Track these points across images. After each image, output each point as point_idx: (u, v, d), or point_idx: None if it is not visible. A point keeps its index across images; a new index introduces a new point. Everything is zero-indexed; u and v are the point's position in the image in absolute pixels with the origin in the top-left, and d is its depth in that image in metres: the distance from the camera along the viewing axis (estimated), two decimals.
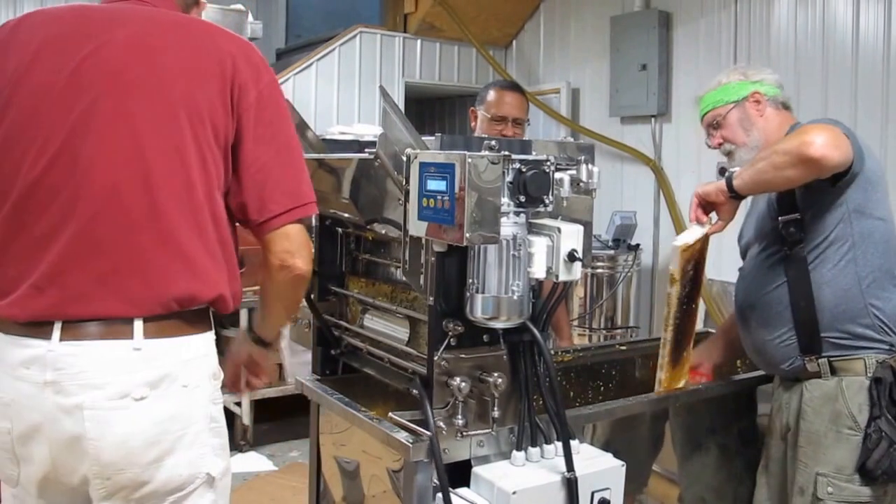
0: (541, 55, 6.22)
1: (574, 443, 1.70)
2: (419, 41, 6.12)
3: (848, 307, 2.05)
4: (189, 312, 1.56)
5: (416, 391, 1.69)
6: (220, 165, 1.58)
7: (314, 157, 2.00)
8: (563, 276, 1.61)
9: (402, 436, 1.68)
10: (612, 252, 4.87)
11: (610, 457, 1.76)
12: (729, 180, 2.04)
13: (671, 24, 5.22)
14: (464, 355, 1.66)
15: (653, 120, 5.30)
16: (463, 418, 1.65)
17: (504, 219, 1.56)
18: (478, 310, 1.61)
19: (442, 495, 1.61)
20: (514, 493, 1.59)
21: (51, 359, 1.49)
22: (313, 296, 2.10)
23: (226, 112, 1.57)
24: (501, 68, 6.11)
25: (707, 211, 2.13)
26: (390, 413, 1.75)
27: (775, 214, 2.12)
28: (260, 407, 4.76)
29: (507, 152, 1.56)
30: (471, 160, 1.49)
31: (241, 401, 4.61)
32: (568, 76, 5.95)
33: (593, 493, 1.68)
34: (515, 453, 1.70)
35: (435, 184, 1.55)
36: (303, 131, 2.04)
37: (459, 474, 1.68)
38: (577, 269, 1.62)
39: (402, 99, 6.06)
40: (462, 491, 1.66)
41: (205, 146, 1.56)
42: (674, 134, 5.25)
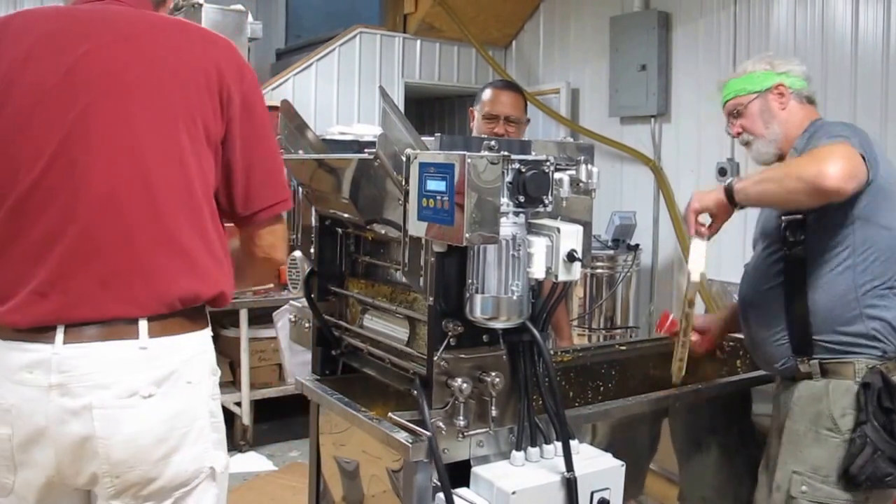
0: (540, 55, 6.23)
1: (573, 443, 1.70)
2: (419, 41, 6.12)
3: (841, 312, 2.04)
4: (190, 310, 1.59)
5: (415, 391, 1.69)
6: (212, 165, 1.64)
7: (314, 157, 2.00)
8: (562, 277, 1.61)
9: (401, 436, 1.68)
10: (611, 252, 4.88)
11: (609, 457, 1.76)
12: (730, 192, 2.03)
13: (670, 24, 5.23)
14: (463, 355, 1.66)
15: (652, 120, 5.30)
16: (463, 418, 1.65)
17: (503, 219, 1.56)
18: (477, 310, 1.61)
19: (444, 495, 1.61)
20: (513, 493, 1.59)
21: (56, 362, 1.49)
22: (313, 296, 2.10)
23: (215, 113, 1.61)
24: (501, 68, 6.11)
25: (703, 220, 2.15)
26: (390, 413, 1.75)
27: (779, 213, 2.12)
28: (260, 407, 4.77)
29: (506, 152, 1.56)
30: (470, 160, 1.49)
31: (241, 401, 4.62)
32: (567, 76, 5.96)
33: (593, 493, 1.68)
34: (515, 453, 1.70)
35: (434, 184, 1.55)
36: (302, 131, 2.05)
37: (459, 474, 1.69)
38: (577, 270, 1.62)
39: (402, 99, 6.06)
40: (461, 491, 1.66)
41: (199, 146, 1.60)
42: (673, 134, 5.26)
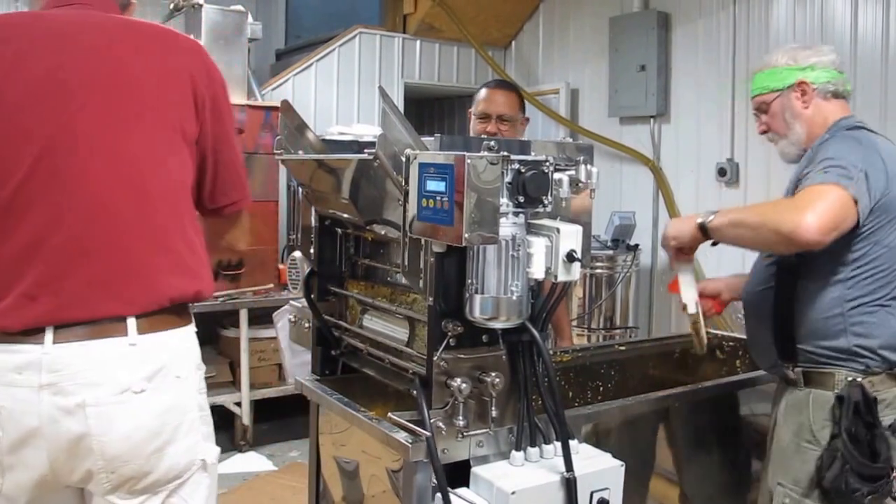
0: (540, 56, 6.23)
1: (573, 443, 1.70)
2: (418, 42, 6.12)
3: (826, 325, 2.00)
4: (175, 307, 1.65)
5: (415, 391, 1.69)
6: (190, 164, 1.71)
7: (314, 157, 2.01)
8: (561, 277, 1.62)
9: (401, 436, 1.68)
10: (610, 252, 4.88)
11: (609, 457, 1.76)
12: (704, 227, 2.02)
13: (670, 24, 5.23)
14: (463, 355, 1.66)
15: (652, 120, 5.30)
16: (463, 418, 1.65)
17: (503, 219, 1.57)
18: (477, 310, 1.61)
19: (441, 496, 1.62)
20: (512, 493, 1.59)
21: (46, 362, 1.51)
22: (313, 296, 2.10)
23: (191, 115, 1.68)
24: (500, 69, 6.12)
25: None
26: (390, 413, 1.75)
27: None
28: (260, 407, 4.77)
29: (506, 153, 1.57)
30: (470, 161, 1.50)
31: (241, 401, 4.62)
32: (567, 77, 5.96)
33: (592, 493, 1.68)
34: (514, 453, 1.70)
35: (434, 184, 1.55)
36: (302, 131, 2.05)
37: (459, 474, 1.69)
38: (576, 270, 1.62)
39: (402, 99, 6.06)
40: (461, 491, 1.66)
41: (179, 147, 1.67)
42: (673, 134, 5.26)
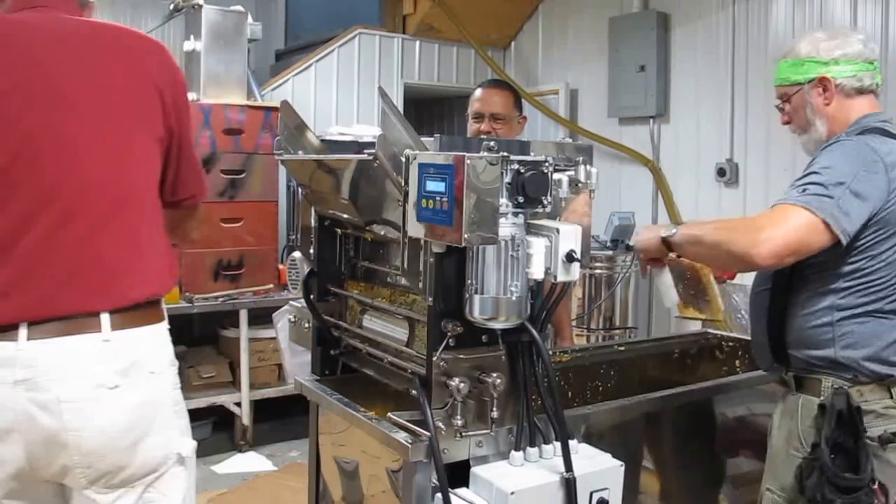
0: (539, 56, 6.23)
1: (573, 443, 1.70)
2: (418, 42, 6.12)
3: (814, 333, 1.96)
4: (148, 303, 1.68)
5: (415, 392, 1.69)
6: (158, 163, 1.75)
7: (313, 157, 2.01)
8: (561, 277, 1.62)
9: (401, 436, 1.69)
10: (610, 253, 4.88)
11: (609, 457, 1.76)
12: (667, 240, 2.04)
13: (669, 25, 5.23)
14: (462, 356, 1.66)
15: (651, 121, 5.31)
16: (462, 418, 1.65)
17: (502, 219, 1.57)
18: (476, 310, 1.61)
19: (441, 495, 1.62)
20: (512, 493, 1.59)
21: (21, 358, 1.53)
22: (313, 296, 2.11)
23: (159, 117, 1.73)
24: (500, 69, 6.12)
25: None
26: (389, 413, 1.75)
27: None
28: (259, 407, 4.78)
29: (505, 153, 1.57)
30: (469, 161, 1.50)
31: (240, 401, 4.63)
32: (566, 77, 5.96)
33: (592, 493, 1.68)
34: (514, 453, 1.70)
35: (434, 185, 1.55)
36: (302, 132, 2.05)
37: (458, 474, 1.69)
38: (576, 270, 1.62)
39: (401, 100, 6.06)
40: (461, 491, 1.66)
41: (152, 148, 1.72)
42: (672, 135, 5.26)
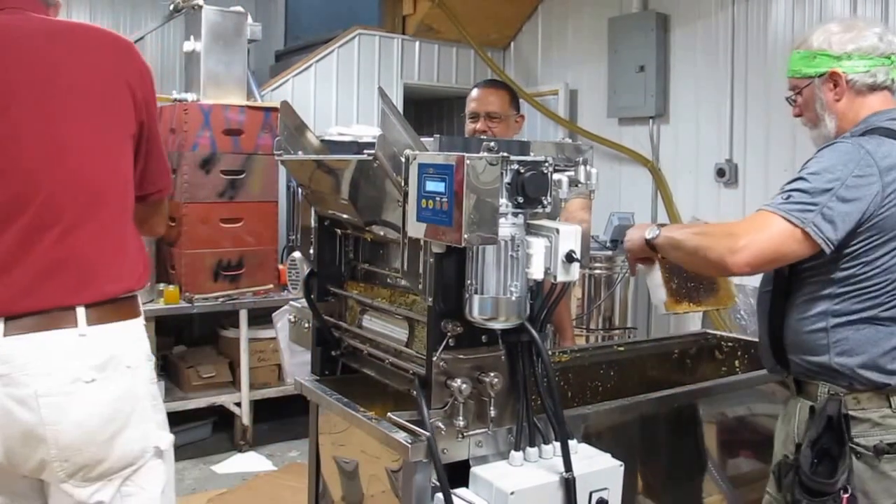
0: (539, 56, 6.23)
1: (572, 443, 1.70)
2: (417, 43, 6.12)
3: (810, 339, 1.94)
4: (124, 299, 1.70)
5: (415, 392, 1.69)
6: (131, 161, 1.78)
7: (313, 158, 2.01)
8: (561, 277, 1.62)
9: (400, 436, 1.69)
10: (609, 253, 4.87)
11: (608, 457, 1.76)
12: (649, 241, 2.04)
13: (669, 25, 5.23)
14: (462, 356, 1.66)
15: (651, 121, 5.30)
16: (462, 418, 1.66)
17: (502, 220, 1.57)
18: (476, 310, 1.62)
19: (443, 496, 1.62)
20: (512, 493, 1.60)
21: None
22: (313, 296, 2.11)
23: (131, 114, 1.76)
24: (500, 70, 6.12)
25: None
26: (389, 413, 1.75)
27: None
28: (259, 407, 4.78)
29: (505, 153, 1.57)
30: (469, 161, 1.50)
31: (240, 401, 4.63)
32: (566, 77, 5.96)
33: (591, 493, 1.68)
34: (514, 453, 1.70)
35: (433, 185, 1.56)
36: (302, 132, 2.05)
37: (458, 474, 1.69)
38: (575, 270, 1.62)
39: (401, 100, 6.06)
40: (460, 491, 1.66)
41: (126, 145, 1.75)
42: (672, 135, 5.26)
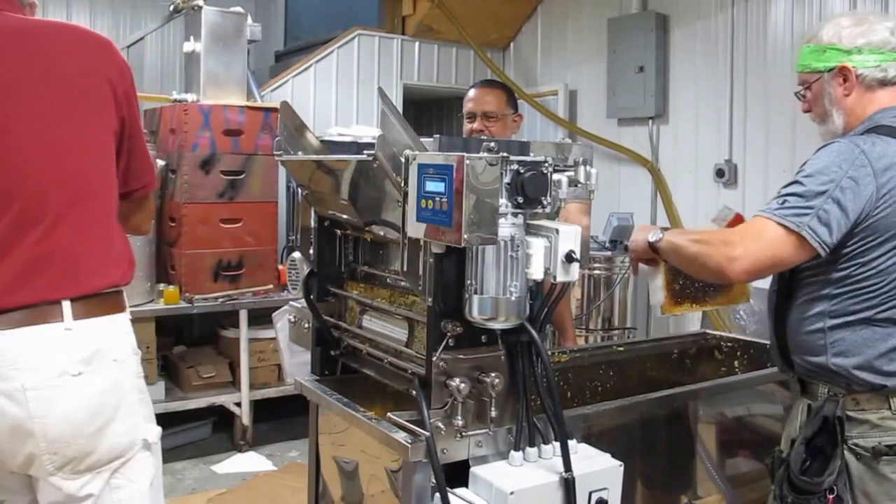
0: (538, 57, 6.23)
1: (572, 443, 1.71)
2: (417, 43, 6.13)
3: (809, 340, 1.94)
4: (109, 293, 1.72)
5: (414, 392, 1.69)
6: (115, 157, 1.80)
7: (313, 158, 2.01)
8: (560, 277, 1.62)
9: (400, 436, 1.69)
10: (608, 253, 4.88)
11: (608, 457, 1.77)
12: (654, 245, 2.04)
13: (668, 26, 5.23)
14: (462, 356, 1.66)
15: (650, 121, 5.31)
16: (462, 419, 1.66)
17: (502, 220, 1.57)
18: (476, 310, 1.62)
19: (440, 495, 1.62)
20: (511, 493, 1.60)
21: None
22: (313, 296, 2.11)
23: (112, 111, 1.77)
24: (499, 70, 6.12)
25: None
26: (389, 413, 1.76)
27: None
28: (259, 407, 4.78)
29: (505, 154, 1.57)
30: (469, 162, 1.50)
31: (240, 401, 4.63)
32: (565, 78, 5.96)
33: (591, 493, 1.68)
34: (513, 453, 1.71)
35: (433, 185, 1.56)
36: (302, 133, 2.06)
37: (458, 474, 1.69)
38: (575, 270, 1.63)
39: (401, 101, 6.06)
40: (460, 491, 1.67)
41: (109, 141, 1.77)
42: (671, 135, 5.26)
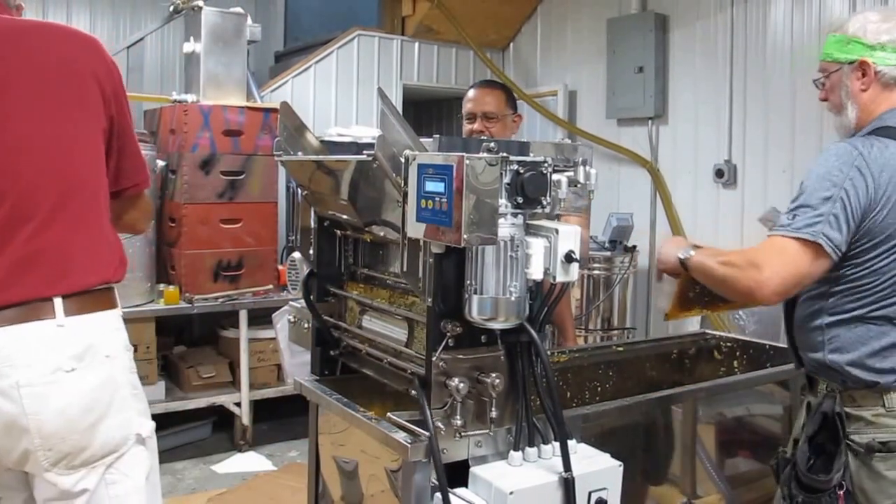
0: (538, 57, 6.24)
1: (571, 443, 1.71)
2: (417, 44, 6.13)
3: (810, 336, 1.97)
4: (101, 290, 1.73)
5: (414, 392, 1.70)
6: (104, 155, 1.80)
7: (313, 158, 2.01)
8: (560, 277, 1.62)
9: (400, 436, 1.69)
10: (608, 254, 4.89)
11: (607, 457, 1.77)
12: (684, 262, 2.04)
13: (668, 26, 5.24)
14: (462, 356, 1.67)
15: (649, 122, 5.31)
16: (461, 418, 1.66)
17: (501, 220, 1.57)
18: (475, 311, 1.62)
19: (441, 495, 1.62)
20: (511, 493, 1.60)
21: None
22: (313, 297, 2.11)
23: (100, 109, 1.78)
24: (499, 70, 6.13)
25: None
26: (389, 413, 1.76)
27: None
28: (259, 407, 4.78)
29: (504, 154, 1.57)
30: (468, 162, 1.50)
31: (240, 401, 4.63)
32: (565, 78, 5.97)
33: (590, 493, 1.69)
34: (513, 453, 1.71)
35: (433, 185, 1.56)
36: (301, 133, 2.06)
37: (457, 474, 1.70)
38: (575, 270, 1.63)
39: (400, 101, 6.07)
40: (460, 491, 1.67)
41: (98, 139, 1.78)
42: (670, 136, 5.27)
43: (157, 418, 1.85)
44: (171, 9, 4.86)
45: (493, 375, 1.66)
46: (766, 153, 4.70)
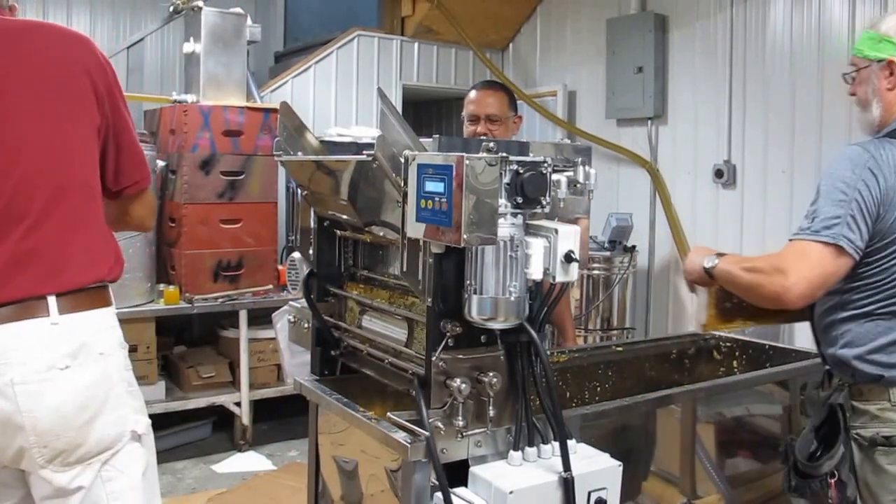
0: (537, 58, 6.24)
1: (571, 443, 1.71)
2: (416, 44, 6.13)
3: (826, 330, 2.03)
4: (95, 288, 1.74)
5: (414, 392, 1.70)
6: (98, 153, 1.80)
7: (313, 158, 2.02)
8: (559, 277, 1.63)
9: (400, 436, 1.69)
10: (608, 254, 4.89)
11: (607, 457, 1.77)
12: (710, 271, 2.07)
13: (667, 26, 5.24)
14: (461, 356, 1.67)
15: (649, 122, 5.31)
16: (461, 418, 1.66)
17: (501, 220, 1.58)
18: (475, 311, 1.62)
19: (442, 495, 1.63)
20: (510, 492, 1.60)
21: None
22: (313, 297, 2.11)
23: (94, 107, 1.78)
24: (498, 71, 6.13)
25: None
26: (389, 413, 1.76)
27: None
28: (259, 407, 4.79)
29: (504, 154, 1.58)
30: (468, 162, 1.51)
31: (240, 401, 4.63)
32: (564, 78, 5.97)
33: (590, 493, 1.69)
34: (513, 453, 1.71)
35: (433, 185, 1.56)
36: (301, 133, 2.06)
37: (457, 474, 1.70)
38: (574, 270, 1.63)
39: (400, 101, 6.07)
40: (460, 490, 1.67)
41: (92, 138, 1.78)
42: (670, 136, 5.27)
43: (157, 418, 1.86)
44: (171, 9, 4.86)
45: (492, 375, 1.67)
46: (766, 153, 4.70)
